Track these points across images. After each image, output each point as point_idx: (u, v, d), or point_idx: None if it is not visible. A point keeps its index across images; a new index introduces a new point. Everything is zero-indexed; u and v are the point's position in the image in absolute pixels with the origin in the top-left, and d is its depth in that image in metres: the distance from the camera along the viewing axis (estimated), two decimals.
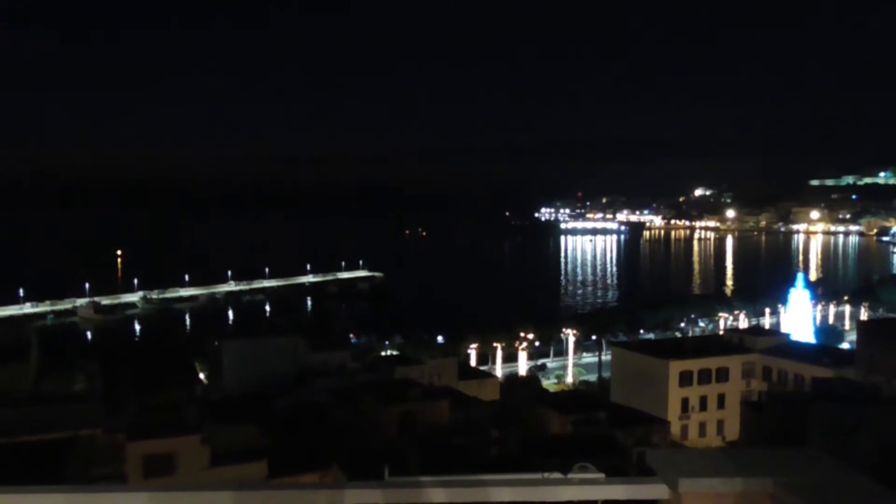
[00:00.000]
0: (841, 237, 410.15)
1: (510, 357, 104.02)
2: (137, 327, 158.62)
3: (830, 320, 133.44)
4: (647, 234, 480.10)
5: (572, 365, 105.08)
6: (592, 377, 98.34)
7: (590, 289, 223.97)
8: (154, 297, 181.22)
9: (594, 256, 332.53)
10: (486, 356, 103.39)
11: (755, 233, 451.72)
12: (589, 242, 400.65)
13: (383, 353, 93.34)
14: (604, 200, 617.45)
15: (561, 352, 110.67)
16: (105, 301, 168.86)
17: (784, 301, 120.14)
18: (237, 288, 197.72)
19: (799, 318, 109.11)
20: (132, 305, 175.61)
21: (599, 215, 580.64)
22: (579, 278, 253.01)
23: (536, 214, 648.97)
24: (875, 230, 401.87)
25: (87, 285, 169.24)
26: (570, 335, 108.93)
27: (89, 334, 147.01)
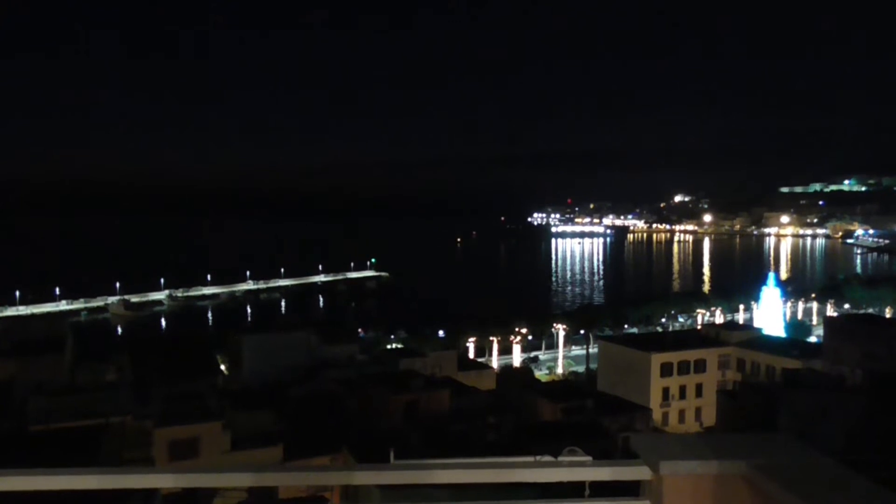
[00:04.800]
0: (809, 240, 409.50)
1: (505, 350, 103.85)
2: (164, 323, 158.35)
3: (799, 316, 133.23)
4: (630, 237, 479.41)
5: (562, 357, 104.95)
6: (581, 368, 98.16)
7: (578, 287, 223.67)
8: (179, 294, 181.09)
9: (582, 258, 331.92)
10: (483, 349, 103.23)
11: (730, 236, 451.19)
12: (577, 245, 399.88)
13: (389, 347, 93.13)
14: (591, 206, 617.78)
15: (552, 345, 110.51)
16: (134, 299, 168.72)
17: (757, 298, 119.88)
18: (255, 287, 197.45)
19: (770, 313, 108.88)
20: (159, 303, 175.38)
21: (587, 220, 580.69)
22: (569, 278, 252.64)
23: (529, 219, 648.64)
24: (840, 233, 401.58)
25: (117, 284, 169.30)
26: (560, 329, 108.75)
27: (120, 329, 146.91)
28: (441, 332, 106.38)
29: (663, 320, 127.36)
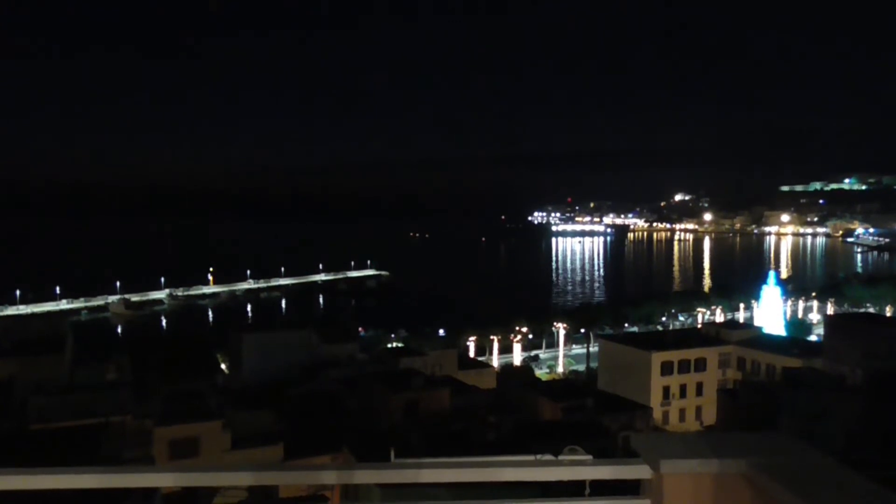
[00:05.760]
0: (809, 238, 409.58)
1: (506, 349, 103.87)
2: (164, 322, 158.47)
3: (800, 315, 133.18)
4: (631, 235, 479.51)
5: (563, 356, 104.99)
6: (581, 367, 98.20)
7: (579, 286, 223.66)
8: (179, 294, 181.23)
9: (582, 257, 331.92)
10: (483, 348, 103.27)
11: (730, 234, 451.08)
12: (578, 244, 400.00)
13: (389, 346, 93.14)
14: (591, 205, 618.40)
15: (552, 344, 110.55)
16: (134, 298, 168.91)
17: (757, 297, 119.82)
18: (255, 286, 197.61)
19: (771, 312, 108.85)
20: (159, 302, 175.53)
21: (587, 219, 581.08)
22: (569, 277, 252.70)
23: (529, 218, 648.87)
24: (840, 232, 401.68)
25: (117, 283, 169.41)
26: (560, 328, 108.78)
27: (120, 328, 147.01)
28: (441, 331, 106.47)
29: (664, 319, 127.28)
